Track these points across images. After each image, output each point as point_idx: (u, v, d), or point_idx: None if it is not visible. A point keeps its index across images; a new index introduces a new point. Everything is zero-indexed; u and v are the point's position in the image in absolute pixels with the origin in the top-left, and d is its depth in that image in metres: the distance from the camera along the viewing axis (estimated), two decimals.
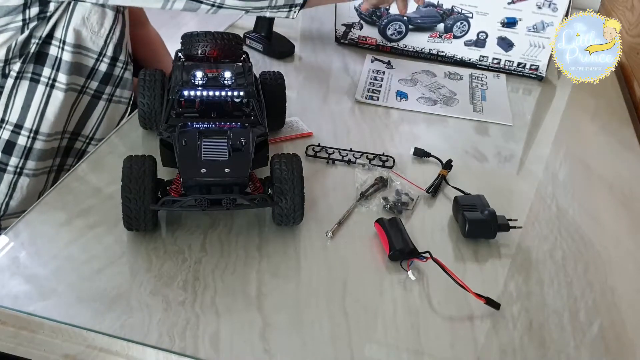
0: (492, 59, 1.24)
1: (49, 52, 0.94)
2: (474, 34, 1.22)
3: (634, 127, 1.12)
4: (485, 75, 1.24)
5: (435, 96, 1.14)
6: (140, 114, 0.92)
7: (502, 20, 1.19)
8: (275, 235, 0.76)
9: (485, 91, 1.18)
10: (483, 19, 1.20)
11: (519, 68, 1.24)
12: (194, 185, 0.70)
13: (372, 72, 1.20)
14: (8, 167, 0.97)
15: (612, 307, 0.72)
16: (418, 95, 1.14)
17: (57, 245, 0.73)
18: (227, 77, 0.80)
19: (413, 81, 1.19)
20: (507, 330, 0.67)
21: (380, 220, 0.78)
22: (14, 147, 0.96)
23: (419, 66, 1.25)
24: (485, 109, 1.11)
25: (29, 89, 0.95)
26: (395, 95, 1.13)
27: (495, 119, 1.09)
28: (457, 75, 1.23)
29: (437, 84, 1.19)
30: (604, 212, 0.89)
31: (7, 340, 0.66)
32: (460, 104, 1.13)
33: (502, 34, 1.21)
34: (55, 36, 0.94)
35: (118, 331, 0.62)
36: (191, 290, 0.68)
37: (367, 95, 1.12)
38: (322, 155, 0.93)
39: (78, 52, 0.96)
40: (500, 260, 0.77)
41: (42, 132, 0.97)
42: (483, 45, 1.23)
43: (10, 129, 0.96)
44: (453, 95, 1.15)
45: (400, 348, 0.64)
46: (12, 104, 0.95)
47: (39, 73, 0.95)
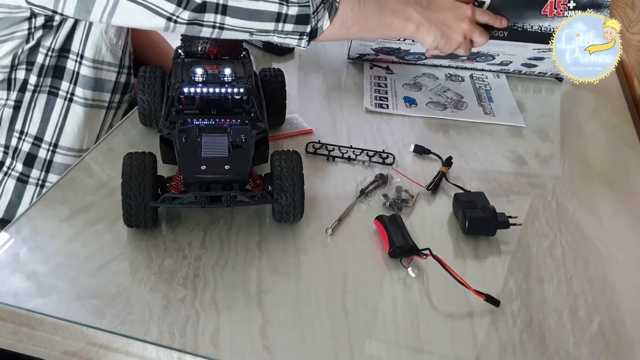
0: (513, 70, 1.22)
1: (66, 66, 0.94)
2: (499, 61, 1.18)
3: (634, 124, 1.12)
4: (485, 76, 1.22)
5: (443, 100, 1.11)
6: (140, 111, 0.92)
7: (530, 57, 1.14)
8: (275, 232, 0.76)
9: (490, 92, 1.16)
10: (508, 57, 1.16)
11: (539, 75, 1.22)
12: (194, 182, 0.70)
13: (374, 79, 1.17)
14: (30, 179, 0.97)
15: (612, 305, 0.72)
16: (426, 100, 1.11)
17: (57, 242, 0.73)
18: (227, 74, 0.80)
19: (417, 85, 1.16)
20: (507, 327, 0.67)
21: (380, 217, 0.78)
22: (34, 159, 0.97)
23: (419, 69, 1.22)
24: (495, 111, 1.10)
25: (47, 102, 0.95)
26: (403, 102, 1.10)
27: (508, 121, 1.07)
28: (458, 77, 1.21)
29: (442, 87, 1.16)
30: (604, 210, 0.89)
31: (7, 337, 0.66)
32: (470, 107, 1.10)
33: (527, 62, 1.17)
34: (72, 50, 0.94)
35: (118, 328, 0.62)
36: (191, 287, 0.68)
37: (376, 103, 1.08)
38: (322, 152, 0.92)
39: (99, 67, 0.96)
40: (500, 258, 0.77)
41: (62, 146, 0.97)
42: (506, 66, 1.20)
43: (30, 141, 0.96)
44: (460, 99, 1.13)
45: (400, 345, 0.64)
46: (31, 117, 0.95)
47: (57, 87, 0.95)
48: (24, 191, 0.97)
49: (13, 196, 0.97)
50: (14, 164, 0.97)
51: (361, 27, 0.89)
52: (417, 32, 0.92)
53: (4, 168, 0.97)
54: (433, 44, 0.95)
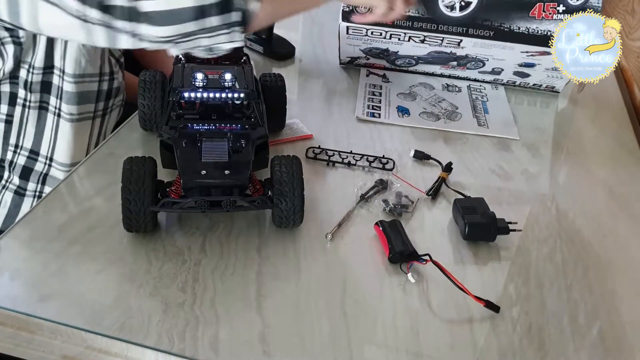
0: (506, 81, 1.21)
1: (52, 82, 0.94)
2: (489, 68, 1.18)
3: (634, 131, 1.12)
4: (483, 87, 1.21)
5: (437, 110, 1.10)
6: (140, 116, 0.92)
7: (520, 63, 1.14)
8: (275, 237, 0.76)
9: (487, 103, 1.15)
10: (499, 63, 1.15)
11: (534, 87, 1.21)
12: (194, 186, 0.70)
13: (369, 87, 1.16)
14: (27, 192, 0.98)
15: (612, 310, 0.72)
16: (420, 110, 1.10)
17: (56, 246, 0.73)
18: (227, 79, 0.80)
19: (412, 95, 1.15)
20: (507, 333, 0.67)
21: (380, 223, 0.78)
22: (30, 172, 0.97)
23: (416, 79, 1.21)
24: (489, 122, 1.09)
25: (39, 116, 0.95)
26: (396, 111, 1.09)
27: (501, 133, 1.06)
28: (455, 88, 1.19)
29: (437, 97, 1.15)
30: (604, 215, 0.89)
31: (6, 341, 0.66)
32: (464, 118, 1.09)
33: (518, 69, 1.16)
34: (55, 66, 0.93)
35: (117, 332, 0.62)
36: (190, 292, 0.67)
37: (368, 112, 1.08)
38: (322, 158, 0.93)
39: (80, 81, 0.96)
40: (500, 263, 0.77)
41: (57, 161, 0.97)
42: (499, 74, 1.19)
43: (25, 154, 0.96)
44: (455, 109, 1.12)
45: (400, 350, 0.64)
46: (25, 131, 0.95)
47: (46, 102, 0.95)
48: (21, 203, 0.98)
49: (11, 207, 0.97)
50: (11, 177, 0.97)
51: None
52: None
53: (2, 181, 0.98)
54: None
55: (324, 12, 1.35)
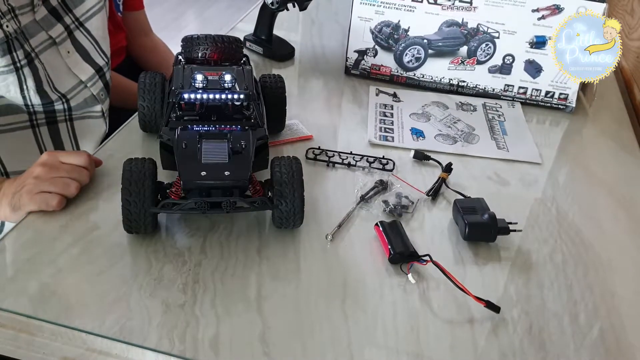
0: (518, 88, 1.15)
1: None
2: (500, 58, 1.13)
3: (634, 131, 1.12)
4: (499, 105, 1.15)
5: (453, 132, 1.04)
6: (140, 117, 0.92)
7: (530, 39, 1.10)
8: (275, 238, 0.76)
9: (504, 123, 1.09)
10: (510, 39, 1.11)
11: (547, 98, 1.15)
12: (194, 188, 0.70)
13: (380, 107, 1.10)
14: None
15: (612, 310, 0.72)
16: (435, 133, 1.04)
17: (57, 247, 0.73)
18: (227, 80, 0.80)
19: (425, 115, 1.09)
20: (507, 333, 0.67)
21: (380, 223, 0.78)
22: None
23: (428, 97, 1.15)
24: (509, 145, 1.02)
25: None
26: (410, 134, 1.02)
27: (523, 157, 1.00)
28: (470, 106, 1.13)
29: (452, 118, 1.09)
30: (604, 216, 0.89)
31: (7, 342, 0.66)
32: (482, 140, 1.03)
33: (530, 56, 1.12)
34: None
35: (117, 334, 0.62)
36: (191, 293, 0.68)
37: (380, 135, 1.01)
38: (322, 158, 0.93)
39: None
40: (500, 264, 0.77)
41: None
42: (509, 71, 1.14)
43: None
44: (472, 131, 1.05)
45: (400, 351, 0.64)
46: None
47: None
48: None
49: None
50: None
51: None
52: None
53: None
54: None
55: (324, 12, 1.35)
